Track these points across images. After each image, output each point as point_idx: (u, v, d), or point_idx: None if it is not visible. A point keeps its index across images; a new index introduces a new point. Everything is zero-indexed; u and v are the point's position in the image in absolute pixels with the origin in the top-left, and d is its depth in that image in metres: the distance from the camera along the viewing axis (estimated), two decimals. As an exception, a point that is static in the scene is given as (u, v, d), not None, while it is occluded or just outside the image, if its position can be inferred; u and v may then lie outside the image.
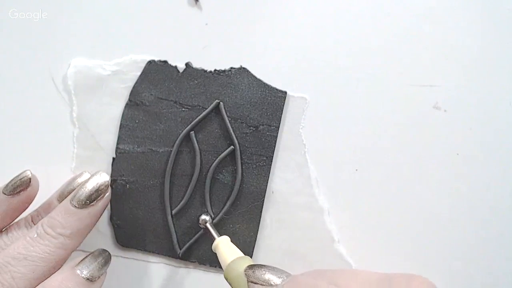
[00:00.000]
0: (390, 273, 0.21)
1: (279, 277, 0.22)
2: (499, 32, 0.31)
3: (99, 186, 0.26)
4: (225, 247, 0.27)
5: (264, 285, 0.22)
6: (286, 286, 0.22)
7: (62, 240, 0.25)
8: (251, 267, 0.23)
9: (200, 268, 0.32)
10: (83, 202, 0.26)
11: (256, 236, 0.31)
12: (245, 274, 0.23)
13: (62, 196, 0.28)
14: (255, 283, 0.22)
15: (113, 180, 0.31)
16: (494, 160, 0.31)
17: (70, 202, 0.26)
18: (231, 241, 0.27)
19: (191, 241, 0.31)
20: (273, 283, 0.22)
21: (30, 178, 0.27)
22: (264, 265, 0.23)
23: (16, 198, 0.26)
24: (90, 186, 0.26)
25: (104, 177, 0.27)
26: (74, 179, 0.29)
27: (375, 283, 0.21)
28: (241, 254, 0.26)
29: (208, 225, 0.30)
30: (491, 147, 0.31)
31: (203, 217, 0.31)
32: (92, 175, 0.27)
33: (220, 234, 0.28)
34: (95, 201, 0.26)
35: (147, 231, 0.31)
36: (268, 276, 0.22)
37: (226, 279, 0.24)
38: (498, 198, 0.31)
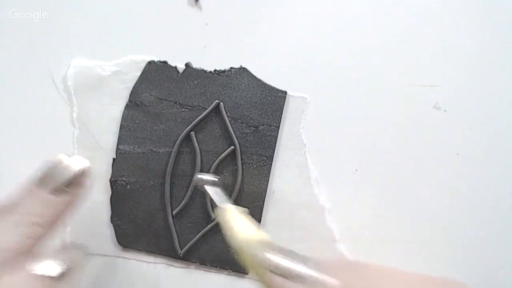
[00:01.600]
0: (430, 276, 0.20)
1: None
2: (499, 32, 0.31)
3: (74, 172, 0.24)
4: (233, 217, 0.23)
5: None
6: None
7: (33, 229, 0.23)
8: (272, 254, 0.20)
9: (201, 269, 0.32)
10: (58, 189, 0.24)
11: (257, 236, 0.31)
12: (266, 262, 0.20)
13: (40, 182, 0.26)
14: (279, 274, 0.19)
15: (113, 181, 0.31)
16: (494, 160, 0.31)
17: (44, 189, 0.24)
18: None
19: (192, 241, 0.31)
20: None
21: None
22: (291, 254, 0.20)
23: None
24: (66, 172, 0.24)
25: (80, 163, 0.25)
26: (52, 164, 0.26)
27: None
28: (252, 226, 0.23)
29: (207, 187, 0.26)
30: (491, 147, 0.31)
31: (199, 176, 0.27)
32: (67, 161, 0.25)
33: (221, 234, 0.28)
34: (70, 188, 0.24)
35: (147, 231, 0.31)
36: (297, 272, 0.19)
37: (234, 251, 0.21)
38: (498, 198, 0.31)
